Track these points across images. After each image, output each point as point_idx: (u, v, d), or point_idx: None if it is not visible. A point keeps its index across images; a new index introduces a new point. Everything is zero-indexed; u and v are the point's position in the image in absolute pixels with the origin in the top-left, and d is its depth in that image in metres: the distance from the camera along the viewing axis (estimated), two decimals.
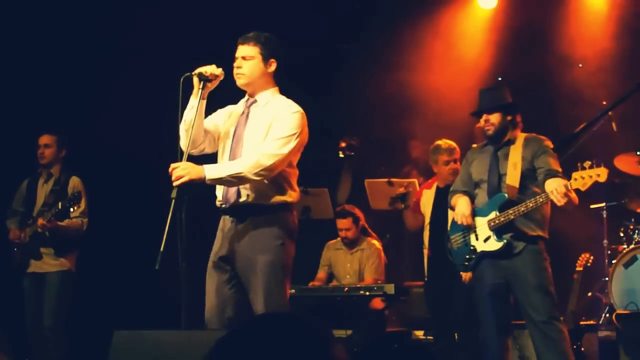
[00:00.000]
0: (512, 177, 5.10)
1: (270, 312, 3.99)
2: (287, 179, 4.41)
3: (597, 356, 6.36)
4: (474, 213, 5.22)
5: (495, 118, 5.23)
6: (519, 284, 5.05)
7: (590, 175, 4.70)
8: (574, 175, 4.78)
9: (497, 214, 5.10)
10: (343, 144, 7.95)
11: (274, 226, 4.35)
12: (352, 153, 8.11)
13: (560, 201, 4.76)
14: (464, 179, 5.43)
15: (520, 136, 5.24)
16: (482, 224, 5.18)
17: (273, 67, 4.46)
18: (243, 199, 4.37)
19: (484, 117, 5.26)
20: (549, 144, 5.17)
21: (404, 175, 8.11)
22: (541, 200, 4.93)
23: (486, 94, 5.37)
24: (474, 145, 5.64)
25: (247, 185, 4.34)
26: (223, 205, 4.45)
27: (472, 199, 5.31)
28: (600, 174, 4.69)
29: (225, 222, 4.46)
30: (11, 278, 6.70)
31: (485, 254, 5.16)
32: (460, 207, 5.25)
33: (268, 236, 4.34)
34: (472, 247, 5.21)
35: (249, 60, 4.41)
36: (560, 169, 5.03)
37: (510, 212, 5.03)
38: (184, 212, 4.16)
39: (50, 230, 6.43)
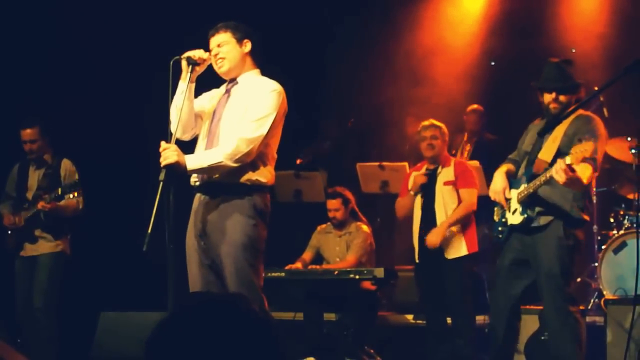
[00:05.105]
0: (547, 151, 4.94)
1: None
2: (262, 160, 4.39)
3: (584, 341, 6.37)
4: (511, 185, 5.10)
5: (565, 98, 5.01)
6: (536, 265, 4.95)
7: (581, 150, 4.54)
8: (571, 150, 4.63)
9: (525, 186, 5.00)
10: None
11: (246, 206, 4.32)
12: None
13: (560, 178, 4.59)
14: (518, 148, 5.30)
15: (576, 113, 5.01)
16: (514, 196, 5.06)
17: (248, 46, 4.48)
18: (216, 176, 4.37)
19: (553, 94, 5.01)
20: (597, 126, 4.96)
21: (406, 152, 8.06)
22: (549, 174, 4.75)
23: (557, 69, 5.06)
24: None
25: None
26: (197, 183, 4.46)
27: (518, 169, 5.20)
28: (587, 148, 4.53)
29: (199, 199, 4.46)
30: (2, 260, 6.71)
31: (512, 227, 5.06)
32: (493, 183, 5.13)
33: (240, 215, 4.31)
34: (504, 220, 5.13)
35: (224, 46, 4.45)
36: (593, 155, 4.74)
37: (530, 185, 4.93)
38: (171, 194, 4.16)
39: (50, 211, 6.43)
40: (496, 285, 5.15)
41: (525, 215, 4.97)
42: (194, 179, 4.47)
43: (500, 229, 5.17)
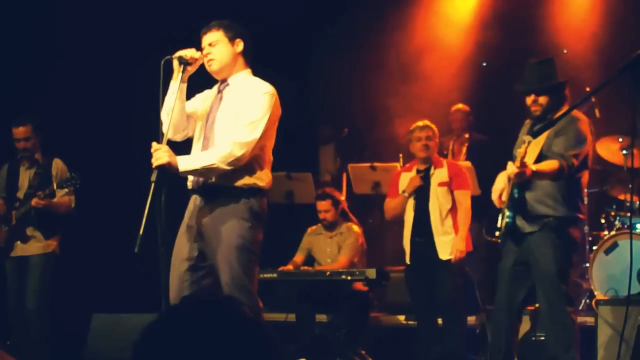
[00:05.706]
0: (531, 154, 4.83)
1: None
2: (259, 163, 4.38)
3: (578, 341, 6.38)
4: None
5: (544, 99, 4.95)
6: (533, 266, 4.95)
7: (520, 152, 4.59)
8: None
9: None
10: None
11: (243, 209, 4.30)
12: None
13: (519, 180, 4.71)
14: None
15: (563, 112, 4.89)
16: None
17: (240, 46, 4.45)
18: (213, 179, 4.35)
19: (532, 97, 4.95)
20: (579, 124, 4.88)
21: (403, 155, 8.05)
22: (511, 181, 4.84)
23: (535, 70, 4.99)
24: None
25: None
26: (193, 186, 4.44)
27: None
28: (521, 152, 4.59)
29: (195, 202, 4.44)
30: None
31: (504, 231, 5.04)
32: (494, 183, 5.06)
33: (236, 218, 4.29)
34: (498, 225, 5.10)
35: (215, 45, 4.42)
36: (570, 151, 4.77)
37: (508, 189, 4.93)
38: (163, 196, 4.14)
39: (43, 208, 6.39)
40: (500, 287, 5.10)
41: (506, 221, 4.96)
42: (190, 182, 4.45)
43: (497, 233, 5.14)
